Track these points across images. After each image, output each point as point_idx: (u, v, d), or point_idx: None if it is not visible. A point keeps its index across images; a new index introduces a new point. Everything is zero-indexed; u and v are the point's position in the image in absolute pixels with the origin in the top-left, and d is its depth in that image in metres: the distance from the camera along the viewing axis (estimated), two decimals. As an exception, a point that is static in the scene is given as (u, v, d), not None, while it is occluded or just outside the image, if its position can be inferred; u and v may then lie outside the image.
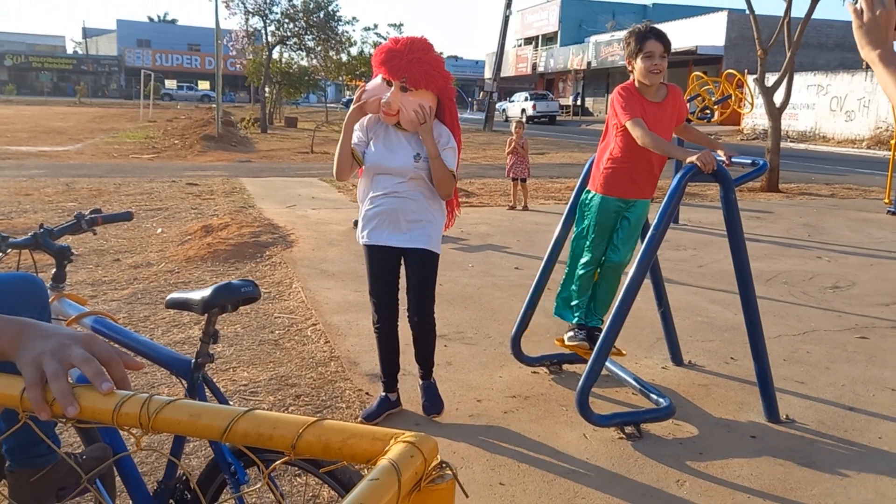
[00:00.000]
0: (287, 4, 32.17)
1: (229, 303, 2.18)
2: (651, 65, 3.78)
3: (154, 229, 8.39)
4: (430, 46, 3.42)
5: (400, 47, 3.35)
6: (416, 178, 3.47)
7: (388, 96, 3.34)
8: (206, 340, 2.20)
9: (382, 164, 3.47)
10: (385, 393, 3.77)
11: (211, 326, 2.19)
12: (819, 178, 16.06)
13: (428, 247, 3.56)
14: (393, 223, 3.51)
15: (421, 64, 3.33)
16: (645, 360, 4.62)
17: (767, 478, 3.21)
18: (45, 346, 0.91)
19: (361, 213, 3.62)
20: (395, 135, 3.50)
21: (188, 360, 2.20)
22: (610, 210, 4.00)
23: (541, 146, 23.55)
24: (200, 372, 2.19)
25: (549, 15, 56.59)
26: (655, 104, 3.88)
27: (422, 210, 3.52)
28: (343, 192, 12.04)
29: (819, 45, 36.60)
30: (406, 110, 3.36)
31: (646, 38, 3.83)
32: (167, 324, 5.03)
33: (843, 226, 9.87)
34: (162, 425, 0.85)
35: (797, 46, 12.93)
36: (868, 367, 4.59)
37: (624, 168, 3.93)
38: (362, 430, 0.80)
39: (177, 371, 2.22)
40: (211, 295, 2.14)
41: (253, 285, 2.22)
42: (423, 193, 3.52)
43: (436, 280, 3.68)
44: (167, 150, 19.92)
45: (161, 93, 57.88)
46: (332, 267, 6.81)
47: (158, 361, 2.25)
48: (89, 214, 2.63)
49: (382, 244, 3.56)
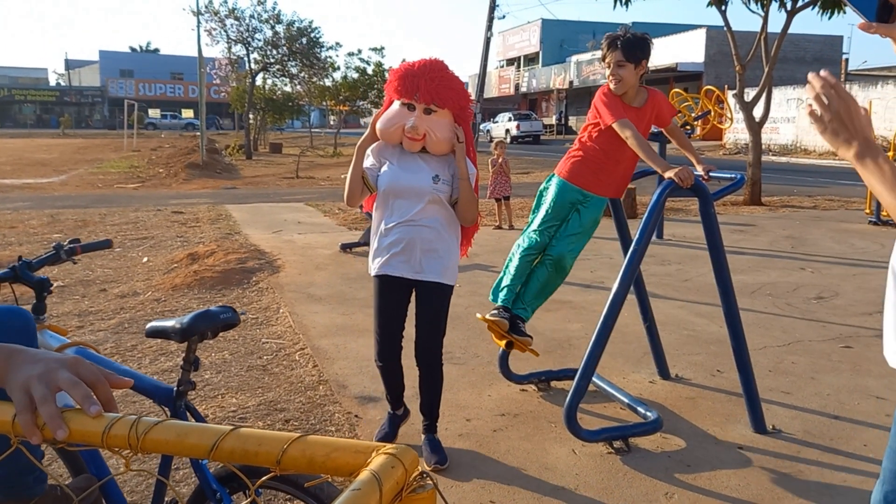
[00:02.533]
0: (270, 32, 32.41)
1: (209, 330, 2.20)
2: (609, 73, 3.87)
3: (140, 258, 8.38)
4: (446, 66, 3.31)
5: (420, 69, 3.23)
6: (434, 202, 3.31)
7: (414, 121, 3.21)
8: (187, 368, 2.22)
9: (400, 183, 3.30)
10: (392, 410, 3.70)
11: (191, 354, 2.21)
12: (801, 190, 16.24)
13: (443, 280, 3.39)
14: (408, 253, 3.32)
15: (443, 84, 3.23)
16: (632, 375, 4.65)
17: (755, 488, 3.24)
18: (33, 371, 0.94)
19: (374, 241, 3.44)
20: (411, 156, 3.34)
21: (170, 388, 2.22)
22: (566, 198, 3.96)
23: (525, 165, 23.70)
24: (183, 399, 2.21)
25: (530, 36, 57.16)
26: (634, 109, 3.91)
27: (438, 239, 3.35)
28: (329, 217, 12.08)
29: (797, 59, 37.12)
30: (436, 132, 3.22)
31: (609, 45, 3.87)
32: (154, 352, 5.02)
33: (826, 237, 9.98)
34: (151, 446, 0.87)
35: (774, 61, 13.12)
36: (852, 376, 4.64)
37: (592, 160, 3.93)
38: (345, 444, 0.83)
39: (159, 399, 2.23)
40: (189, 323, 2.16)
41: (232, 311, 2.24)
42: (441, 221, 3.35)
43: (448, 313, 3.50)
44: (152, 179, 19.92)
45: (145, 122, 57.97)
46: (319, 291, 6.82)
47: (140, 390, 2.26)
48: (68, 244, 2.65)
49: (397, 275, 3.37)
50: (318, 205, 13.74)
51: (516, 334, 3.96)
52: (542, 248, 4.00)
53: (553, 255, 3.96)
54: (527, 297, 4.02)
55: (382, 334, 3.46)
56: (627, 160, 3.95)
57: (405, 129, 3.23)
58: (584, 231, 4.00)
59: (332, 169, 24.21)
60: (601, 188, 4.00)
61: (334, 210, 12.84)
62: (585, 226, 3.98)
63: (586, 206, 3.98)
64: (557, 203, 3.98)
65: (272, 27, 32.37)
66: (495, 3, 33.57)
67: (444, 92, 3.22)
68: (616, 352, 4.93)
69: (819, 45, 38.34)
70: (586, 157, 3.97)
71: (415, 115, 3.22)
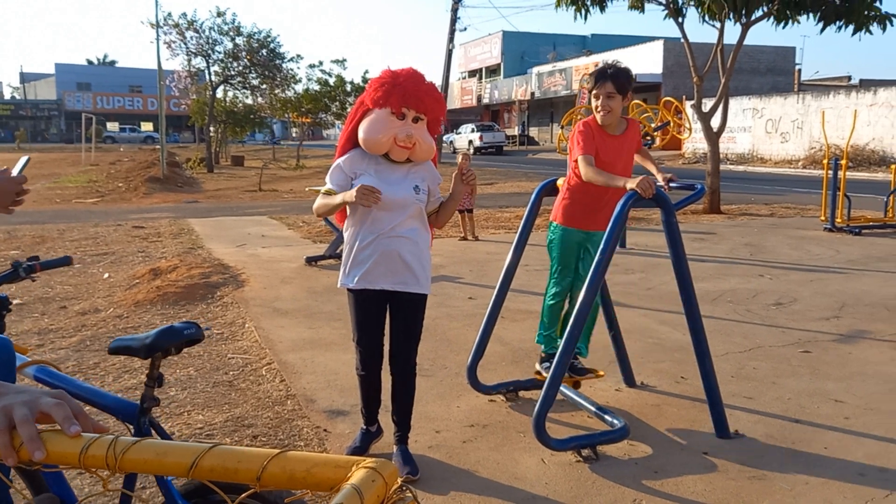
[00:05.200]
0: (230, 44, 32.18)
1: (172, 346, 2.19)
2: (597, 104, 3.98)
3: (101, 274, 8.25)
4: (423, 75, 3.35)
5: (409, 78, 3.25)
6: (415, 213, 3.33)
7: (409, 129, 3.22)
8: (151, 384, 2.20)
9: (383, 196, 3.23)
10: (366, 426, 3.69)
11: (155, 370, 2.20)
12: (759, 198, 16.57)
13: (423, 290, 3.41)
14: (388, 265, 3.31)
15: (431, 93, 3.28)
16: (599, 384, 4.70)
17: (720, 492, 3.30)
18: (18, 398, 0.94)
19: (350, 254, 3.40)
20: (389, 168, 3.33)
21: (134, 405, 2.20)
22: (572, 241, 4.15)
23: (489, 176, 23.82)
24: (147, 416, 2.19)
25: (491, 48, 57.57)
26: (615, 137, 4.07)
27: (416, 250, 3.36)
28: (294, 230, 12.01)
29: (752, 70, 37.95)
30: (424, 140, 3.28)
31: (597, 78, 3.99)
32: (118, 370, 4.95)
33: (783, 244, 10.20)
34: (129, 465, 0.87)
35: (731, 72, 13.41)
36: (812, 379, 4.74)
37: (579, 200, 4.09)
38: (325, 459, 0.84)
39: (123, 417, 2.21)
40: (153, 339, 2.15)
41: (196, 327, 2.24)
42: (419, 231, 3.38)
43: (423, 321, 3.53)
44: (111, 194, 19.62)
45: (103, 136, 57.07)
46: (285, 305, 6.78)
47: (104, 408, 2.24)
48: (26, 262, 2.61)
49: (376, 288, 3.35)
50: (282, 217, 13.65)
51: (577, 374, 4.27)
52: (566, 293, 4.23)
53: None
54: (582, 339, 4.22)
55: (365, 347, 3.47)
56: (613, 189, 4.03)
57: (398, 138, 3.22)
58: None
59: (295, 181, 24.09)
60: (598, 224, 4.12)
61: (298, 223, 12.77)
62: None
63: (592, 242, 4.14)
64: (564, 249, 4.18)
65: (232, 39, 32.15)
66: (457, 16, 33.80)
67: (433, 101, 3.29)
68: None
69: (773, 55, 39.25)
70: (574, 199, 4.14)
71: (407, 123, 3.24)
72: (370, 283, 3.35)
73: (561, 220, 4.17)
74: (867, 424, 4.01)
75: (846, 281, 7.72)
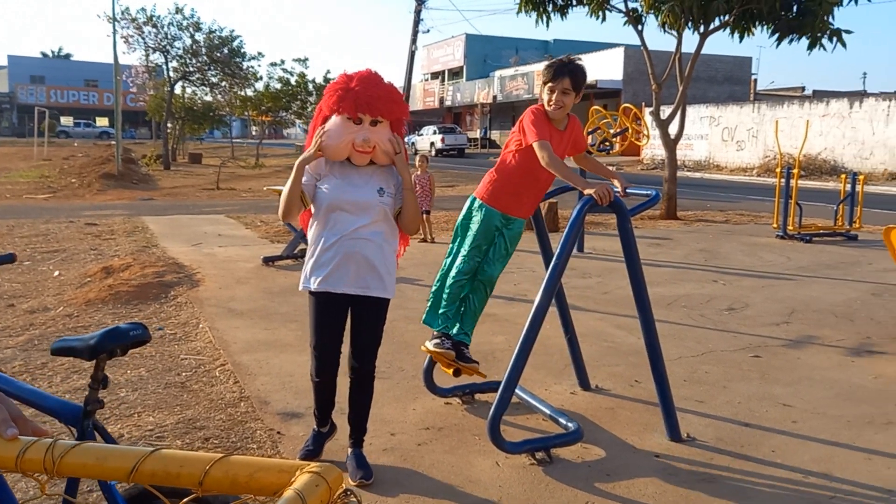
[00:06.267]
0: (189, 40, 31.73)
1: (118, 347, 2.16)
2: (550, 98, 3.91)
3: (51, 272, 8.06)
4: (381, 76, 3.33)
5: (362, 83, 3.23)
6: (379, 217, 3.30)
7: (366, 134, 3.20)
8: (95, 386, 2.16)
9: (344, 197, 3.25)
10: (318, 428, 3.65)
11: (100, 372, 2.16)
12: (714, 205, 16.86)
13: (386, 295, 3.39)
14: (350, 268, 3.27)
15: (388, 96, 3.25)
16: (554, 387, 4.74)
17: (671, 495, 3.35)
18: None
19: (312, 255, 3.36)
20: (354, 170, 3.31)
21: (78, 407, 2.16)
22: (492, 224, 4.04)
23: (450, 179, 23.87)
24: (91, 419, 2.15)
25: (454, 50, 57.70)
26: (559, 132, 4.00)
27: (380, 253, 3.32)
28: (251, 229, 11.88)
29: (709, 79, 38.64)
30: (383, 143, 3.24)
31: (556, 72, 3.90)
32: (66, 370, 4.84)
33: (737, 250, 10.40)
34: (68, 469, 0.85)
35: (688, 80, 13.62)
36: (761, 384, 4.84)
37: (512, 184, 4.01)
38: (269, 464, 0.83)
39: (65, 419, 2.16)
40: (97, 340, 2.12)
41: (143, 328, 2.21)
42: (384, 235, 3.34)
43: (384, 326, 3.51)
44: (64, 190, 19.20)
45: (56, 130, 55.87)
46: (240, 305, 6.70)
47: (45, 410, 2.18)
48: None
49: (338, 292, 3.31)
50: (239, 217, 13.50)
51: (464, 361, 4.06)
52: (472, 272, 4.08)
53: (485, 279, 4.08)
54: (468, 324, 4.11)
55: (322, 351, 3.41)
56: (543, 181, 4.06)
57: (356, 143, 3.21)
58: (510, 252, 4.13)
59: (253, 180, 23.84)
60: (522, 211, 4.12)
61: (256, 222, 12.65)
62: (511, 247, 4.11)
63: (510, 227, 4.08)
64: (483, 229, 4.06)
65: (191, 35, 31.72)
66: (420, 17, 33.83)
67: (388, 104, 3.25)
68: (538, 364, 5.01)
69: (730, 65, 40.02)
70: (504, 179, 4.04)
71: (363, 128, 3.22)
72: (332, 286, 3.30)
73: (487, 199, 4.04)
74: (813, 428, 4.11)
75: (796, 287, 7.89)
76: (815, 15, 11.85)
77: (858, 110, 25.34)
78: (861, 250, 10.47)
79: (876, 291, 7.71)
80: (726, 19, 12.67)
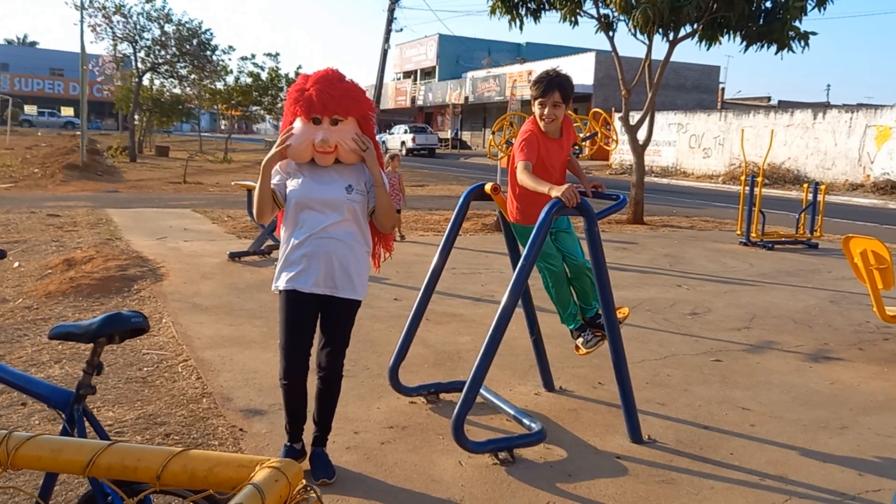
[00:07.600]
0: (159, 31, 31.29)
1: (117, 333, 2.17)
2: (542, 112, 4.00)
3: (10, 263, 7.90)
4: (342, 74, 3.31)
5: (317, 83, 3.21)
6: (348, 216, 3.28)
7: (324, 134, 3.17)
8: (90, 371, 2.16)
9: (312, 196, 3.24)
10: (290, 443, 3.56)
11: (96, 357, 2.16)
12: (680, 210, 17.07)
13: (357, 296, 3.36)
14: (320, 268, 3.25)
15: (345, 93, 3.22)
16: (519, 387, 4.76)
17: (631, 496, 3.38)
18: None
19: (283, 255, 3.34)
20: (323, 168, 3.29)
21: (69, 392, 2.16)
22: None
23: (420, 178, 23.85)
24: (81, 404, 2.14)
25: (427, 50, 57.66)
26: (555, 141, 4.12)
27: (351, 254, 3.30)
28: (218, 224, 11.76)
29: (678, 87, 39.09)
30: (347, 142, 3.21)
31: (546, 87, 3.98)
32: (24, 363, 4.75)
33: (701, 256, 10.54)
34: (22, 462, 0.84)
35: (657, 87, 13.77)
36: (721, 388, 4.91)
37: (530, 198, 4.09)
38: (228, 458, 0.83)
39: (55, 404, 2.16)
40: (99, 324, 2.13)
41: (143, 317, 2.25)
42: (354, 234, 3.31)
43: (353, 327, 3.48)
44: (26, 180, 18.83)
45: (20, 119, 54.77)
46: (205, 301, 6.63)
47: (35, 394, 2.17)
48: None
49: (308, 291, 3.28)
50: (206, 211, 13.35)
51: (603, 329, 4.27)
52: (560, 275, 4.25)
53: (577, 265, 4.27)
54: (590, 299, 4.37)
55: (290, 351, 3.36)
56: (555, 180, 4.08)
57: (315, 144, 3.19)
58: (572, 232, 4.32)
59: (221, 175, 23.59)
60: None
61: (223, 217, 12.52)
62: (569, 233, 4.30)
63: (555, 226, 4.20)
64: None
65: (161, 26, 31.26)
66: (393, 16, 33.77)
67: (346, 102, 3.22)
68: (504, 364, 5.03)
69: (698, 73, 40.54)
70: (527, 199, 4.13)
71: (322, 128, 3.20)
72: (300, 285, 3.28)
73: (523, 220, 4.20)
74: (770, 432, 4.18)
75: (757, 293, 8.02)
76: (784, 21, 12.10)
77: (822, 121, 25.81)
78: (821, 258, 10.68)
79: (834, 299, 7.87)
80: (696, 27, 12.84)
